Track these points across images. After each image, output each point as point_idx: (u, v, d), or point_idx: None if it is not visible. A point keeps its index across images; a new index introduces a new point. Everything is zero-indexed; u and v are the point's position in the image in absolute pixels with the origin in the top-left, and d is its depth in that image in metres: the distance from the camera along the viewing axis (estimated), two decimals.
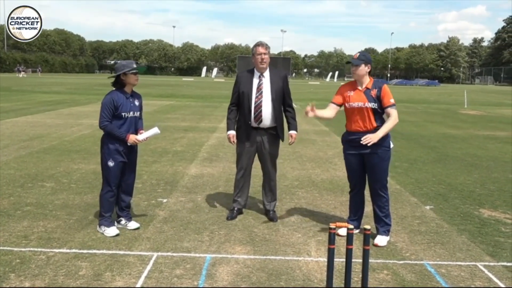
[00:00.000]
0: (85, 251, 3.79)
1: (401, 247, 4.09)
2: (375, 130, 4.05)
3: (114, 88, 4.24)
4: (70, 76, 72.32)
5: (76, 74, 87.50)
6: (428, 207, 5.34)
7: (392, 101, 4.08)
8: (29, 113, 15.00)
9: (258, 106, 4.59)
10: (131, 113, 4.19)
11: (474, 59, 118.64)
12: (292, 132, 4.79)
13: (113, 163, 4.16)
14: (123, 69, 4.12)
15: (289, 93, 4.80)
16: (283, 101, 4.74)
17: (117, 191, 4.30)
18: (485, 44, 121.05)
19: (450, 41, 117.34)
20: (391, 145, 4.15)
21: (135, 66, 4.19)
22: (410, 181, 6.62)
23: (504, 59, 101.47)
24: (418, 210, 5.23)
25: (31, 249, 3.81)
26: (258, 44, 4.66)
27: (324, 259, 3.75)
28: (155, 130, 4.32)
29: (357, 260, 3.49)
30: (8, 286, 3.16)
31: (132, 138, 4.14)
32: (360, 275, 3.28)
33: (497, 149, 10.00)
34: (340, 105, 4.27)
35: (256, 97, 4.61)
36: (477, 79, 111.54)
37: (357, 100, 4.10)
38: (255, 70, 4.71)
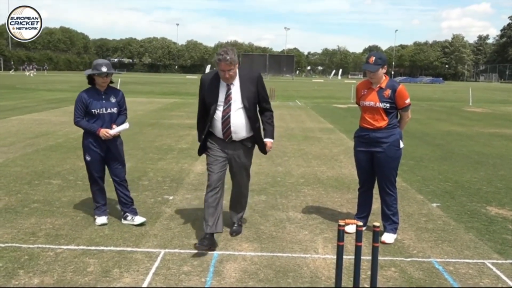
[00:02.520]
0: (93, 248, 3.81)
1: (408, 245, 4.08)
2: (385, 128, 4.06)
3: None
4: (74, 74, 72.48)
5: (80, 72, 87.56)
6: (434, 205, 5.33)
7: (407, 102, 4.10)
8: (34, 111, 15.05)
9: (226, 122, 3.91)
10: (104, 109, 4.28)
11: (479, 56, 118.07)
12: (267, 140, 4.16)
13: (90, 158, 4.35)
14: (92, 70, 4.20)
15: (265, 96, 4.10)
16: (258, 106, 4.10)
17: (101, 183, 4.47)
18: (490, 41, 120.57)
19: (454, 38, 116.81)
20: (401, 145, 4.14)
21: (103, 70, 4.14)
22: (416, 179, 6.61)
23: (509, 57, 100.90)
24: (424, 208, 5.21)
25: (39, 245, 3.82)
26: (220, 60, 3.75)
27: (331, 256, 3.75)
28: (125, 126, 4.42)
29: (364, 258, 3.48)
30: (17, 283, 3.18)
31: (102, 131, 4.23)
32: (368, 272, 3.29)
33: (503, 146, 9.95)
34: None
35: (224, 110, 3.90)
36: (482, 76, 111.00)
37: (370, 99, 4.10)
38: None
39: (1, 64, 76.13)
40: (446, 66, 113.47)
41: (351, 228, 4.19)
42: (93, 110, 4.23)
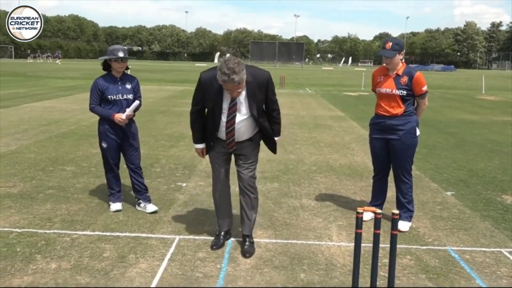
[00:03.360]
0: (108, 234, 3.83)
1: (424, 233, 4.05)
2: (402, 115, 4.01)
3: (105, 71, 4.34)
4: (84, 61, 72.73)
5: (90, 60, 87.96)
6: (449, 193, 5.28)
7: (424, 89, 4.04)
8: (45, 98, 15.14)
9: (231, 134, 3.52)
10: (120, 95, 4.29)
11: (492, 44, 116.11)
12: (274, 138, 3.81)
13: (106, 145, 4.36)
14: (108, 55, 4.22)
15: (273, 98, 3.60)
16: (266, 107, 3.63)
17: (116, 169, 4.48)
18: (503, 28, 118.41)
19: (467, 25, 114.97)
20: (418, 133, 4.09)
21: (120, 55, 4.17)
22: (430, 167, 6.54)
23: None
24: (439, 196, 5.17)
25: (56, 231, 3.86)
26: (226, 81, 3.20)
27: (346, 244, 3.74)
28: (135, 103, 4.39)
29: (380, 245, 3.46)
30: (35, 267, 3.21)
31: (117, 117, 4.24)
32: (383, 260, 3.27)
33: None
34: None
35: (228, 121, 3.47)
36: (494, 64, 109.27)
37: (386, 86, 4.05)
38: None
39: (13, 52, 76.62)
40: (458, 53, 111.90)
41: (366, 216, 4.17)
42: (109, 96, 4.24)
